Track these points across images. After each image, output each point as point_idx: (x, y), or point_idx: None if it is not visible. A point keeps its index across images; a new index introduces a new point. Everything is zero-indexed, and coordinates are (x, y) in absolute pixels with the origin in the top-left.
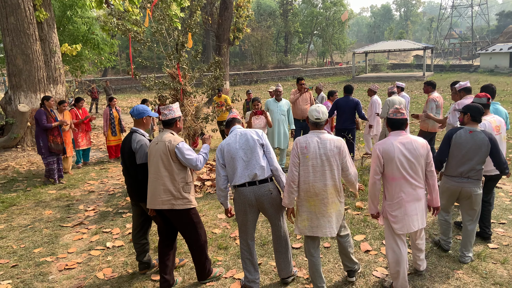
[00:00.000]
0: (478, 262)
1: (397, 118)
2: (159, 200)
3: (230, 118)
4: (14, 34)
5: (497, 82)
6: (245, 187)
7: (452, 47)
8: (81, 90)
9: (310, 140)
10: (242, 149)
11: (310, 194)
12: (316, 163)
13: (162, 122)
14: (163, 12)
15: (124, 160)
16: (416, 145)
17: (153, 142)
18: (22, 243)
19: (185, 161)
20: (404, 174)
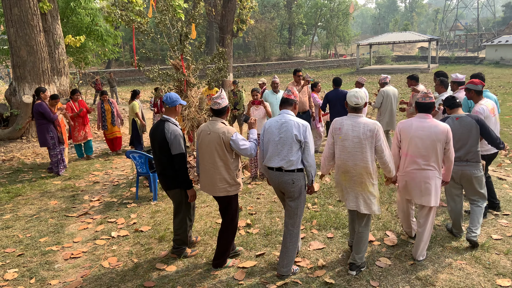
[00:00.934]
0: (481, 252)
1: (426, 102)
2: (216, 188)
3: (284, 98)
4: (18, 25)
5: (503, 74)
6: (272, 170)
7: (457, 39)
8: (85, 81)
9: (345, 123)
10: (279, 137)
11: (342, 170)
12: (347, 144)
13: (213, 111)
14: (167, 2)
15: (154, 148)
16: (436, 130)
17: (204, 131)
18: (28, 232)
19: (240, 152)
20: (415, 153)
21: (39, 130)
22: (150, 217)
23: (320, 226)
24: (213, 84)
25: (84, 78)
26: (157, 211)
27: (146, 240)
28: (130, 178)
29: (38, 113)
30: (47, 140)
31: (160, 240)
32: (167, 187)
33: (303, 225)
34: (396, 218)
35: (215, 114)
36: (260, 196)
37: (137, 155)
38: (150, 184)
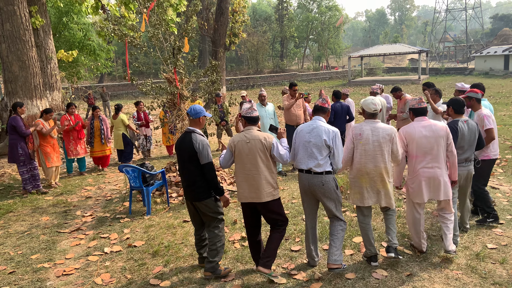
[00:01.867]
0: (477, 262)
1: (421, 107)
2: (264, 193)
3: (318, 106)
4: (10, 41)
5: (492, 85)
6: (302, 173)
7: (447, 51)
8: (77, 96)
9: (364, 128)
10: (310, 141)
11: (361, 173)
12: (368, 148)
13: (247, 118)
14: (160, 17)
15: (182, 160)
16: (436, 128)
17: (242, 141)
18: (19, 249)
19: (278, 156)
20: (422, 153)
21: (9, 145)
22: (143, 232)
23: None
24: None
25: (77, 93)
26: (150, 225)
27: (140, 256)
28: (123, 192)
29: (11, 127)
30: (16, 156)
31: (154, 255)
32: (199, 198)
33: (298, 237)
34: None
35: (249, 122)
36: None
37: (130, 169)
38: (144, 198)
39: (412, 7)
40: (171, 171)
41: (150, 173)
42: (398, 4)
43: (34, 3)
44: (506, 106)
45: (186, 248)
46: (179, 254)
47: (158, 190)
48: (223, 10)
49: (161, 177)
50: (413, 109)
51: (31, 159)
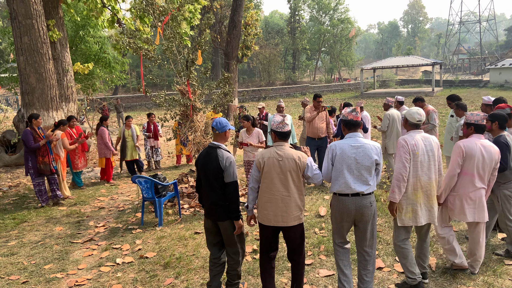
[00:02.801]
0: (494, 278)
1: (483, 124)
2: (292, 217)
3: (352, 120)
4: (28, 54)
5: (508, 97)
6: (348, 197)
7: (461, 63)
8: (92, 108)
9: (417, 138)
10: (357, 162)
11: (416, 187)
12: (423, 159)
13: (279, 134)
14: (174, 30)
15: (206, 176)
16: (493, 150)
17: (273, 158)
18: (32, 259)
19: (312, 177)
20: (474, 172)
21: (24, 158)
22: (155, 243)
23: (328, 252)
24: (218, 108)
25: (92, 104)
26: (162, 236)
27: (151, 267)
28: (135, 203)
29: (22, 140)
30: (27, 169)
31: (165, 267)
32: (219, 218)
33: (310, 251)
34: None
35: (280, 137)
36: None
37: (143, 180)
38: (156, 210)
39: (425, 19)
40: (183, 182)
41: (162, 184)
42: (411, 17)
43: (51, 17)
44: None
45: (197, 260)
46: (190, 266)
47: (170, 201)
48: (236, 23)
49: (173, 188)
50: (475, 125)
51: (40, 174)
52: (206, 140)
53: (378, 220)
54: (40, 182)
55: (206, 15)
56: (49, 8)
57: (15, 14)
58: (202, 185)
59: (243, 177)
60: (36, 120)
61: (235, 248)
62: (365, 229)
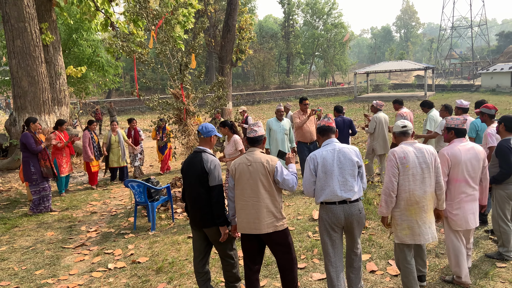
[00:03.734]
0: (486, 281)
1: (463, 128)
2: (264, 224)
3: (326, 126)
4: (20, 57)
5: (499, 102)
6: (335, 205)
7: (453, 67)
8: (85, 111)
9: (407, 150)
10: (339, 168)
11: (410, 203)
12: (416, 171)
13: (249, 139)
14: (167, 34)
15: (190, 182)
16: (478, 151)
17: (243, 164)
18: (23, 265)
19: (282, 181)
20: (466, 177)
21: (22, 163)
22: (148, 248)
23: (321, 255)
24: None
25: (85, 108)
26: (155, 241)
27: (144, 272)
28: (128, 207)
29: (22, 144)
30: (29, 175)
31: (158, 272)
32: (205, 224)
33: (304, 254)
34: None
35: (251, 143)
36: None
37: (136, 184)
38: (149, 214)
39: (418, 24)
40: (176, 187)
41: (155, 188)
42: (403, 22)
43: (44, 20)
44: None
45: (190, 264)
46: (183, 270)
47: (163, 205)
48: (230, 27)
49: (166, 193)
50: (455, 129)
51: (44, 178)
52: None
53: (371, 223)
54: (43, 187)
55: (200, 19)
56: (42, 11)
57: (8, 17)
58: (186, 192)
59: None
60: (34, 124)
61: (226, 251)
62: (354, 235)
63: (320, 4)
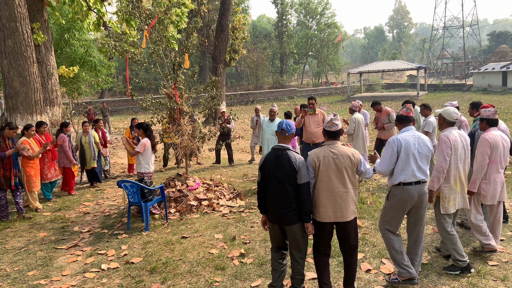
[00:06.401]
0: (478, 279)
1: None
2: (350, 211)
3: (404, 115)
4: (12, 57)
5: (491, 101)
6: (412, 185)
7: (445, 67)
8: (78, 111)
9: (456, 134)
10: (418, 152)
11: (456, 178)
12: (461, 152)
13: (330, 133)
14: (160, 33)
15: (276, 180)
16: (505, 137)
17: (328, 156)
18: (16, 266)
19: (365, 171)
20: (499, 159)
21: None
22: (141, 248)
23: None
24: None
25: (77, 108)
26: (148, 241)
27: (137, 272)
28: (121, 208)
29: None
30: None
31: (152, 272)
32: (290, 221)
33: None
34: None
35: (331, 136)
36: (254, 225)
37: (129, 185)
38: (142, 214)
39: (410, 24)
40: (170, 187)
41: (149, 188)
42: (396, 22)
43: (36, 20)
44: (505, 122)
45: (184, 264)
46: (177, 271)
47: (156, 206)
48: (224, 27)
49: (159, 193)
50: (487, 120)
51: (1, 188)
52: (193, 144)
53: (364, 222)
54: (1, 196)
55: (194, 18)
56: (34, 11)
57: None
58: (269, 190)
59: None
60: (9, 130)
61: (301, 252)
62: (421, 214)
63: (313, 4)
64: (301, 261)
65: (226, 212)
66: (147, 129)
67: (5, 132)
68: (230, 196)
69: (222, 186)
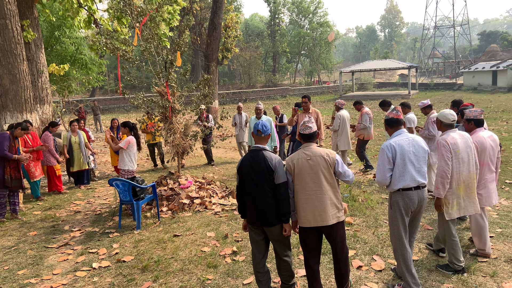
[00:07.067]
0: (468, 275)
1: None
2: (329, 215)
3: (395, 118)
4: (1, 54)
5: (481, 100)
6: (412, 190)
7: (436, 66)
8: (68, 110)
9: (456, 137)
10: (415, 155)
11: (459, 182)
12: (464, 156)
13: (304, 136)
14: (152, 31)
15: (254, 181)
16: (494, 138)
17: (302, 158)
18: (5, 265)
19: (343, 173)
20: (488, 161)
21: None
22: (133, 247)
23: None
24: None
25: (68, 106)
26: (140, 240)
27: (129, 271)
28: (113, 206)
29: None
30: None
31: (143, 270)
32: (270, 223)
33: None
34: (382, 242)
35: (306, 139)
36: None
37: (121, 183)
38: (134, 213)
39: (402, 24)
40: (162, 185)
41: (140, 186)
42: (387, 21)
43: (26, 17)
44: (494, 121)
45: (176, 263)
46: (169, 269)
47: (148, 204)
48: (216, 25)
49: (151, 191)
50: (474, 120)
51: (5, 186)
52: (185, 142)
53: (355, 220)
54: (1, 194)
55: (186, 16)
56: (24, 8)
57: None
58: (247, 192)
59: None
60: (21, 130)
61: (286, 250)
62: (418, 221)
63: (306, 3)
64: (287, 258)
65: (219, 210)
66: (132, 128)
67: (16, 133)
68: (222, 194)
69: (215, 184)
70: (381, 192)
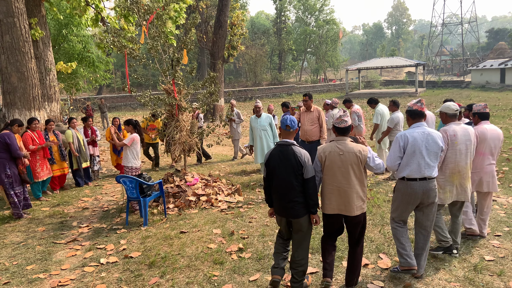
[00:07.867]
0: (475, 274)
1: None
2: (354, 207)
3: (418, 111)
4: (9, 52)
5: (489, 98)
6: (416, 181)
7: (443, 64)
8: (76, 107)
9: (457, 129)
10: (426, 149)
11: (454, 172)
12: (461, 147)
13: (339, 129)
14: (159, 29)
15: (282, 175)
16: (499, 132)
17: (334, 152)
18: (14, 260)
19: (374, 167)
20: (489, 152)
21: None
22: (140, 243)
23: (312, 249)
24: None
25: (75, 104)
26: (147, 236)
27: (136, 267)
28: (120, 203)
29: (3, 144)
30: (2, 178)
31: (150, 266)
32: (298, 214)
33: None
34: (389, 241)
35: (340, 133)
36: (252, 220)
37: (128, 180)
38: (141, 209)
39: (409, 21)
40: (168, 182)
41: (147, 184)
42: (394, 18)
43: (34, 15)
44: (503, 119)
45: (182, 259)
46: (176, 265)
47: (155, 201)
48: (222, 23)
49: (158, 188)
50: (478, 113)
51: (22, 181)
52: (191, 139)
53: None
54: (18, 192)
55: (192, 14)
56: (31, 6)
57: None
58: (274, 185)
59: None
60: (17, 127)
61: (306, 244)
62: (429, 211)
63: (312, 1)
64: (302, 252)
65: (225, 208)
66: (136, 125)
67: (14, 129)
68: (228, 191)
69: (220, 182)
70: (388, 191)
